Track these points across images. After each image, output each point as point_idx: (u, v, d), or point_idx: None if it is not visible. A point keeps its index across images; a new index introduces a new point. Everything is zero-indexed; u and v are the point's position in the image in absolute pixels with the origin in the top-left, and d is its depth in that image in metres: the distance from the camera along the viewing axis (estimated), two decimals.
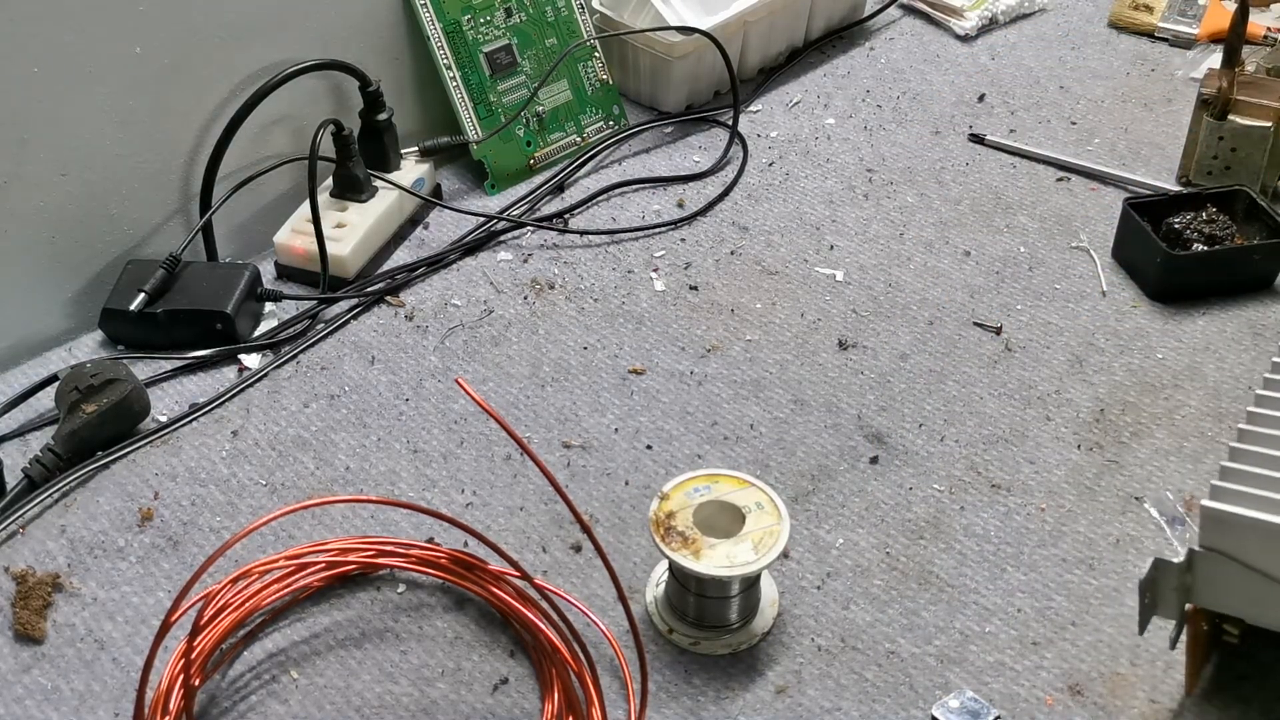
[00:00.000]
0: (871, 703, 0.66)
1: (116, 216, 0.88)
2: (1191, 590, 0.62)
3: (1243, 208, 0.92)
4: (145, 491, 0.77)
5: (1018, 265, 0.94)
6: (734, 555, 0.65)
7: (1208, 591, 0.62)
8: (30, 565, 0.73)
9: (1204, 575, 0.61)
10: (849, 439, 0.81)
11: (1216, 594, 0.62)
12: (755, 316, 0.90)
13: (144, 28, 0.84)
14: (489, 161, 1.01)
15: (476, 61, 1.00)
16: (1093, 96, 1.11)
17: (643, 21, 1.04)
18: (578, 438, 0.81)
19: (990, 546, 0.74)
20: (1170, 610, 0.63)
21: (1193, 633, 0.64)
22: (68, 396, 0.79)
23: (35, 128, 0.82)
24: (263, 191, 0.95)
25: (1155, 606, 0.63)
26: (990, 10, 1.20)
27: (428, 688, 0.67)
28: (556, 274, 0.93)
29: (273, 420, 0.82)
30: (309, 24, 0.93)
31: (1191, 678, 0.66)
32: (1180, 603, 0.62)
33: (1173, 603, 0.62)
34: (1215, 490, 0.61)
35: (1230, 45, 0.96)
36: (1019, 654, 0.68)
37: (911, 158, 1.04)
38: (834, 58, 1.17)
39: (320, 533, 0.75)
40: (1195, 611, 0.63)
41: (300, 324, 0.89)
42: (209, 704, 0.67)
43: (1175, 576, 0.61)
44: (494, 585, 0.70)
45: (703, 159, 1.05)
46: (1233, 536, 0.60)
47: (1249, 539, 0.59)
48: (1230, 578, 0.61)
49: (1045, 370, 0.85)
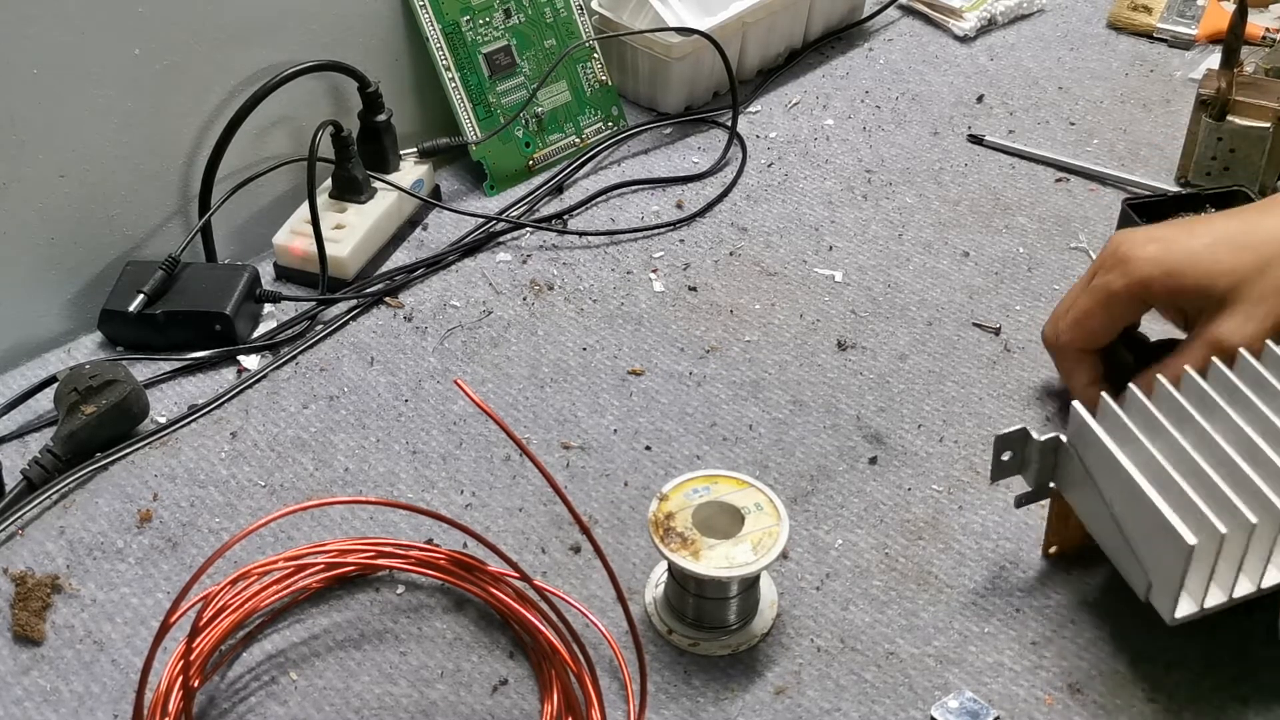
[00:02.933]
0: (871, 703, 0.67)
1: (115, 218, 0.89)
2: (1054, 472, 0.68)
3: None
4: (144, 493, 0.77)
5: (1017, 266, 0.94)
6: (733, 556, 0.65)
7: (1064, 480, 0.68)
8: (29, 567, 0.73)
9: (1063, 466, 0.68)
10: (848, 439, 0.81)
11: (1068, 486, 0.68)
12: (754, 317, 0.90)
13: (143, 29, 0.84)
14: (488, 163, 1.01)
15: (475, 63, 1.00)
16: (1091, 97, 1.11)
17: (641, 22, 1.04)
18: (577, 439, 0.81)
19: (989, 546, 0.74)
20: (1030, 478, 0.69)
21: (1061, 508, 0.70)
22: (66, 398, 0.79)
23: (34, 129, 0.82)
24: (262, 193, 0.95)
25: (1020, 469, 0.69)
26: (989, 11, 1.20)
27: (427, 689, 0.67)
28: (555, 275, 0.93)
29: (272, 421, 0.82)
30: (308, 25, 0.93)
31: (1047, 543, 0.72)
32: (1040, 476, 0.68)
33: (1033, 473, 0.68)
34: (1101, 403, 0.66)
35: (1229, 46, 0.96)
36: (1018, 654, 0.68)
37: (910, 158, 1.05)
38: (833, 59, 1.17)
39: (319, 534, 0.75)
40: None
41: (299, 325, 0.89)
42: (208, 705, 0.67)
43: (1039, 450, 0.67)
44: (493, 586, 0.70)
45: (702, 160, 1.05)
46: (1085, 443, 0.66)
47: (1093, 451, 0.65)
48: (1077, 476, 0.67)
49: (1044, 371, 0.85)
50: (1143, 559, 0.63)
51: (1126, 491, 0.63)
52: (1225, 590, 0.63)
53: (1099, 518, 0.66)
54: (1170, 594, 0.62)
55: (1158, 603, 0.64)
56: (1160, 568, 0.62)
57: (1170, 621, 0.63)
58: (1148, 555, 0.63)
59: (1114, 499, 0.64)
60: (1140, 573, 0.64)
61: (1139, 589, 0.64)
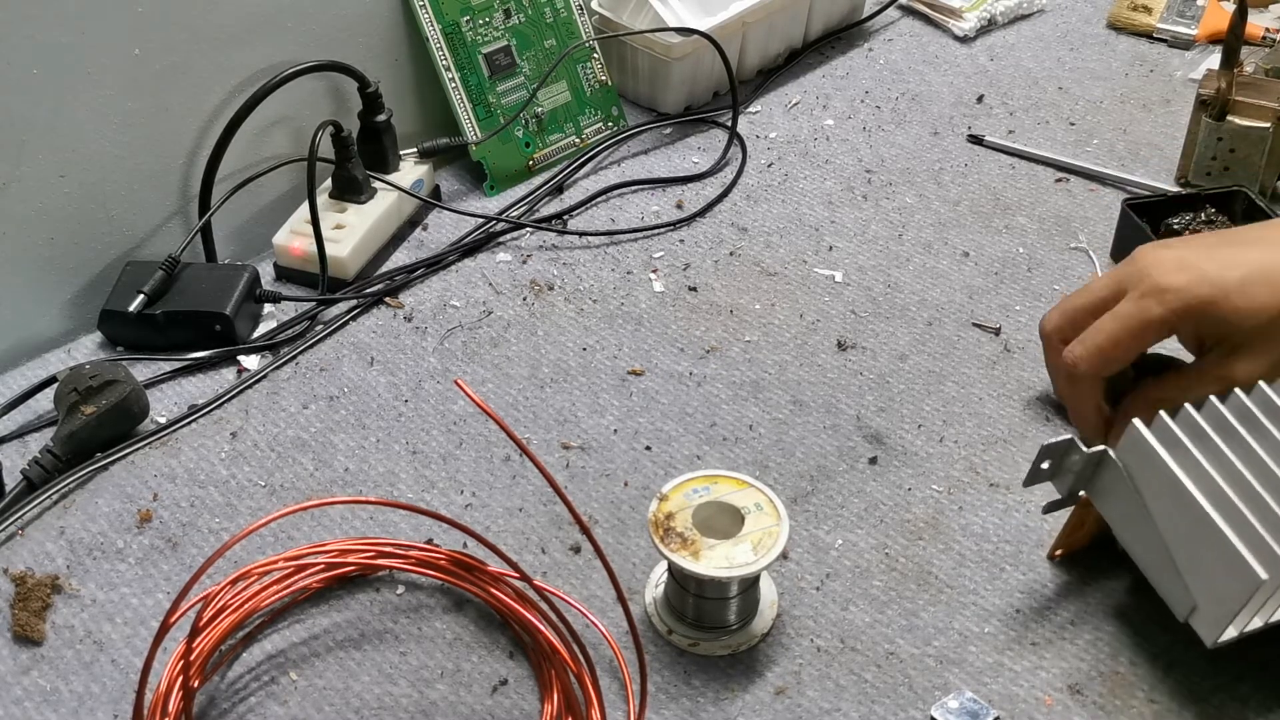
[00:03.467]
0: (871, 704, 0.67)
1: (115, 218, 0.89)
2: (1090, 482, 0.68)
3: (1241, 208, 0.92)
4: (144, 493, 0.77)
5: (1016, 266, 0.94)
6: (733, 556, 0.65)
7: (1098, 489, 0.68)
8: (29, 567, 0.73)
9: (1104, 477, 0.67)
10: (848, 440, 0.81)
11: (1105, 498, 0.68)
12: (754, 317, 0.90)
13: (143, 29, 0.84)
14: (488, 163, 1.01)
15: (475, 63, 1.00)
16: (1091, 97, 1.11)
17: (641, 22, 1.04)
18: (577, 439, 0.81)
19: (989, 546, 0.74)
20: (1063, 486, 0.68)
21: (1080, 516, 0.70)
22: (66, 398, 0.79)
23: (34, 129, 0.82)
24: (262, 193, 0.95)
25: (1053, 476, 0.68)
26: (989, 11, 1.20)
27: (427, 689, 0.67)
28: (555, 275, 0.93)
29: (272, 422, 0.82)
30: (308, 25, 0.93)
31: (1057, 545, 0.73)
32: (1074, 485, 0.68)
33: (1067, 482, 0.68)
34: (1158, 422, 0.66)
35: (1229, 46, 0.96)
36: (1018, 654, 0.68)
37: (910, 159, 1.05)
38: (833, 59, 1.17)
39: (319, 534, 0.75)
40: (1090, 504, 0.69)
41: (299, 325, 0.89)
42: (208, 705, 0.67)
43: (1081, 462, 0.67)
44: (493, 586, 0.70)
45: (702, 160, 1.05)
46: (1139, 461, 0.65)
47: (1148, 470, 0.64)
48: (1120, 491, 0.66)
49: (1044, 371, 0.85)
50: (1191, 583, 0.62)
51: (1185, 514, 0.62)
52: (1264, 618, 0.63)
53: (1140, 534, 0.65)
54: (1219, 621, 0.61)
55: (1200, 626, 0.63)
56: (1214, 595, 0.61)
57: (1211, 645, 0.62)
58: (1199, 580, 0.62)
59: (1166, 519, 0.63)
60: (1184, 595, 0.63)
61: (1179, 610, 0.63)
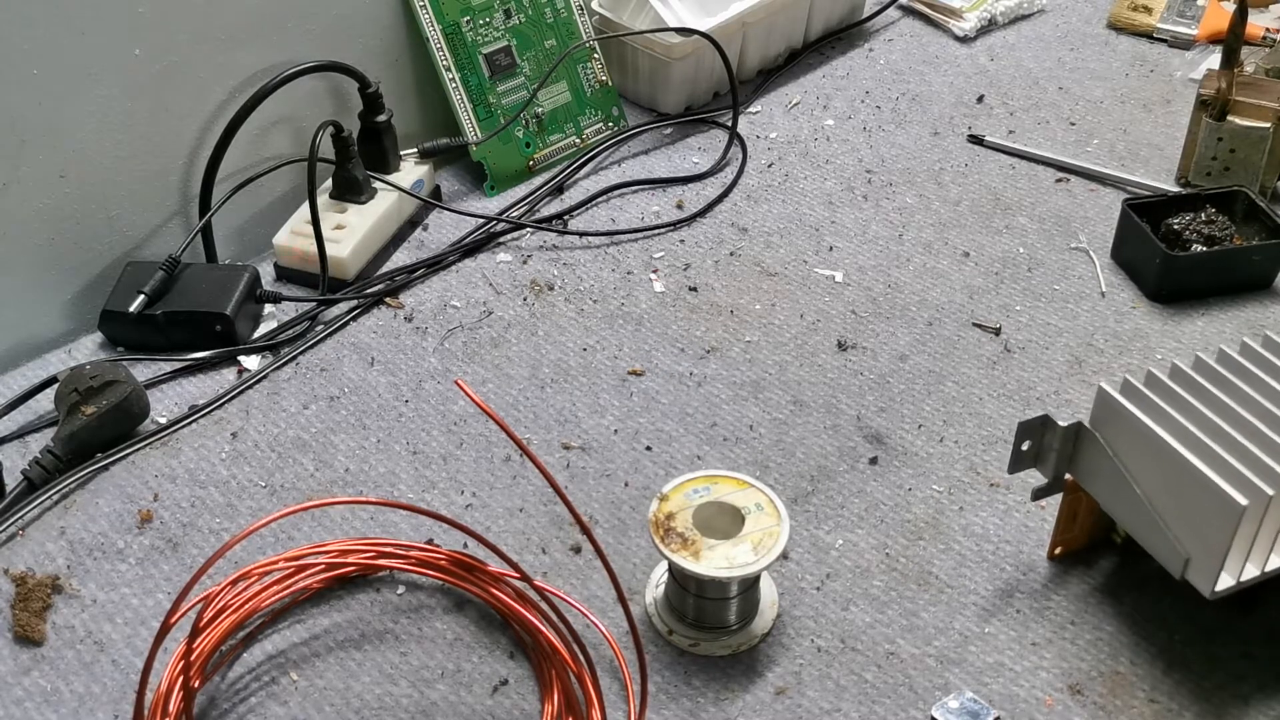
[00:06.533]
0: (871, 704, 0.67)
1: (116, 218, 0.89)
2: (1072, 463, 0.68)
3: (1241, 208, 0.92)
4: (145, 493, 0.77)
5: (1017, 266, 0.94)
6: (733, 556, 0.65)
7: (1083, 469, 0.68)
8: (30, 567, 0.73)
9: (1084, 453, 0.67)
10: (848, 440, 0.81)
11: (1088, 474, 0.68)
12: (754, 317, 0.90)
13: (143, 29, 0.84)
14: (488, 163, 1.01)
15: (476, 63, 1.00)
16: (1092, 97, 1.11)
17: (642, 23, 1.04)
18: (577, 439, 0.81)
19: (990, 546, 0.74)
20: (1047, 469, 0.69)
21: (1070, 507, 0.70)
22: (67, 398, 0.79)
23: (34, 130, 0.82)
24: (262, 193, 0.95)
25: (1036, 461, 0.69)
26: (989, 11, 1.20)
27: (427, 689, 0.67)
28: (556, 275, 0.93)
29: (272, 422, 0.82)
30: (309, 25, 0.93)
31: (1054, 543, 0.72)
32: (1059, 467, 0.68)
33: (1051, 463, 0.68)
34: (1125, 383, 0.66)
35: (1229, 46, 0.96)
36: (1018, 654, 0.68)
37: (911, 159, 1.05)
38: (833, 59, 1.17)
39: (320, 534, 0.75)
40: (1077, 490, 0.69)
41: (300, 326, 0.89)
42: (208, 706, 0.67)
43: (1059, 437, 0.67)
44: (494, 587, 0.70)
45: (702, 160, 1.05)
46: (1112, 425, 0.66)
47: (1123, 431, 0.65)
48: (1101, 462, 0.66)
49: (1044, 371, 0.85)
50: (1180, 534, 0.63)
51: (1163, 465, 0.63)
52: (1259, 565, 0.63)
53: (1126, 502, 0.66)
54: (1212, 566, 0.62)
55: (1196, 578, 0.63)
56: (1202, 539, 0.62)
57: (1210, 595, 0.62)
58: (1186, 529, 0.63)
59: (1145, 477, 0.64)
60: (1176, 550, 0.63)
61: (1174, 567, 0.64)
